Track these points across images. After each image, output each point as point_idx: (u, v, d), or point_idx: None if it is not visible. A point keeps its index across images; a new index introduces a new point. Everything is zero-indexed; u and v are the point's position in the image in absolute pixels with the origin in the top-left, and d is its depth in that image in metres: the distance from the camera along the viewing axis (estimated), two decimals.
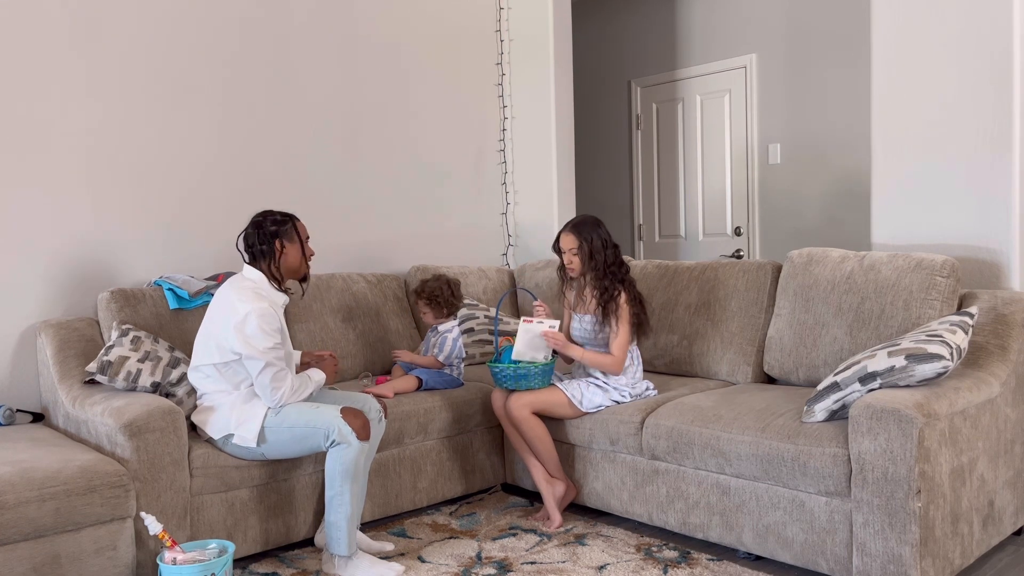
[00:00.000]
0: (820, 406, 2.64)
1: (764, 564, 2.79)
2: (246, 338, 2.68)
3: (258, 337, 2.69)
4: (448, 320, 3.60)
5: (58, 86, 3.31)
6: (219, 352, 2.76)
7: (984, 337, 2.83)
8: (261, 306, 2.71)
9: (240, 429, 2.76)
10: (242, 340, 2.69)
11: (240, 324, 2.69)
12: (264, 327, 2.69)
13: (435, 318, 3.58)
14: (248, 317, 2.69)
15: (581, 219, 3.28)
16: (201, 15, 3.71)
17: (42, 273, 3.28)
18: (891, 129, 3.42)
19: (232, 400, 2.80)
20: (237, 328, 2.69)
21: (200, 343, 2.84)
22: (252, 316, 2.69)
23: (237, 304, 2.72)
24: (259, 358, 2.69)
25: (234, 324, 2.69)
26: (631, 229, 6.06)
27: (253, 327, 2.68)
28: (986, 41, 3.14)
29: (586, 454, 3.24)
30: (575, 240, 3.21)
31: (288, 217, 2.90)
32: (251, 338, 2.68)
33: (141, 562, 2.59)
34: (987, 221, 3.18)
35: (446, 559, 2.90)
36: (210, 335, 2.80)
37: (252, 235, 2.83)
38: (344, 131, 4.23)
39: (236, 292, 2.76)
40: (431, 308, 3.57)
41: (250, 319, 2.68)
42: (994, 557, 2.83)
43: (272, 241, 2.83)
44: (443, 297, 3.55)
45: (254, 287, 2.79)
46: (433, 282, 3.58)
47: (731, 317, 3.48)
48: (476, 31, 4.83)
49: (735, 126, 5.43)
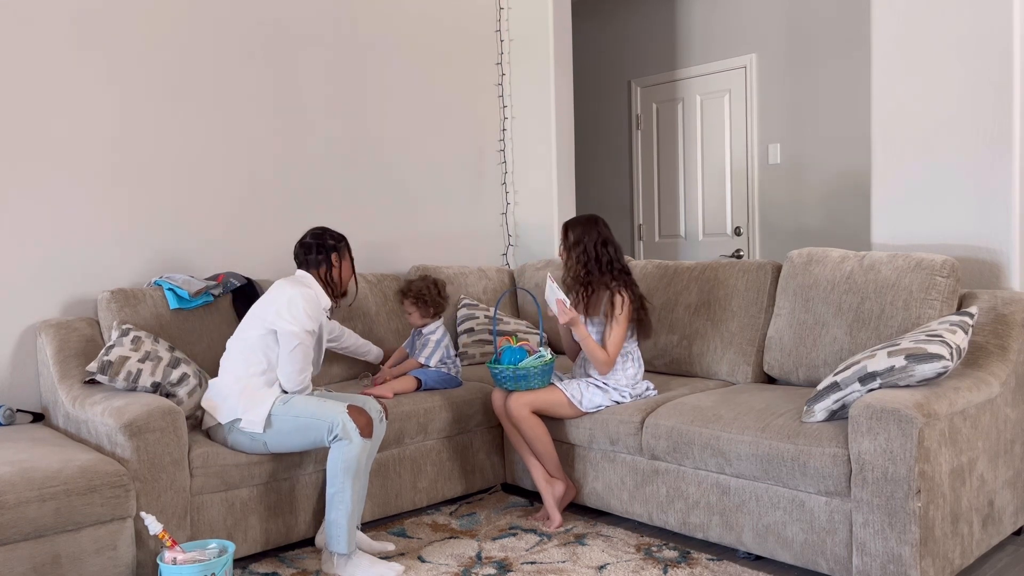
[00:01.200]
0: (820, 406, 2.64)
1: (764, 564, 2.79)
2: (291, 313, 2.86)
3: (301, 317, 2.86)
4: (433, 321, 3.58)
5: (58, 86, 3.32)
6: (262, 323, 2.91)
7: (984, 337, 2.83)
8: (311, 292, 2.94)
9: (248, 414, 2.81)
10: (287, 314, 2.86)
11: (289, 302, 2.88)
12: (309, 311, 2.88)
13: (421, 318, 3.56)
14: (295, 298, 2.89)
15: (578, 217, 3.31)
16: (201, 15, 3.71)
17: (42, 273, 3.28)
18: (891, 129, 3.42)
19: (242, 387, 2.85)
20: (287, 304, 2.87)
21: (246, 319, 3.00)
22: (299, 298, 2.88)
23: (289, 288, 2.93)
24: (296, 334, 2.84)
25: (284, 301, 2.89)
26: (631, 229, 6.06)
27: (299, 307, 2.87)
28: (987, 41, 3.14)
29: (586, 454, 3.24)
30: (568, 238, 3.26)
31: (343, 237, 3.15)
32: (295, 315, 2.85)
33: (141, 562, 2.59)
34: (987, 221, 3.18)
35: (446, 559, 2.90)
36: (255, 314, 2.97)
37: (312, 245, 3.06)
38: (344, 131, 4.24)
39: (290, 284, 2.97)
40: (417, 308, 3.55)
41: (297, 300, 2.88)
42: (994, 557, 2.83)
43: (329, 254, 3.07)
44: (430, 296, 3.53)
45: (306, 284, 2.99)
46: (419, 282, 3.56)
47: (731, 317, 3.48)
48: (476, 31, 4.83)
49: (735, 126, 5.43)
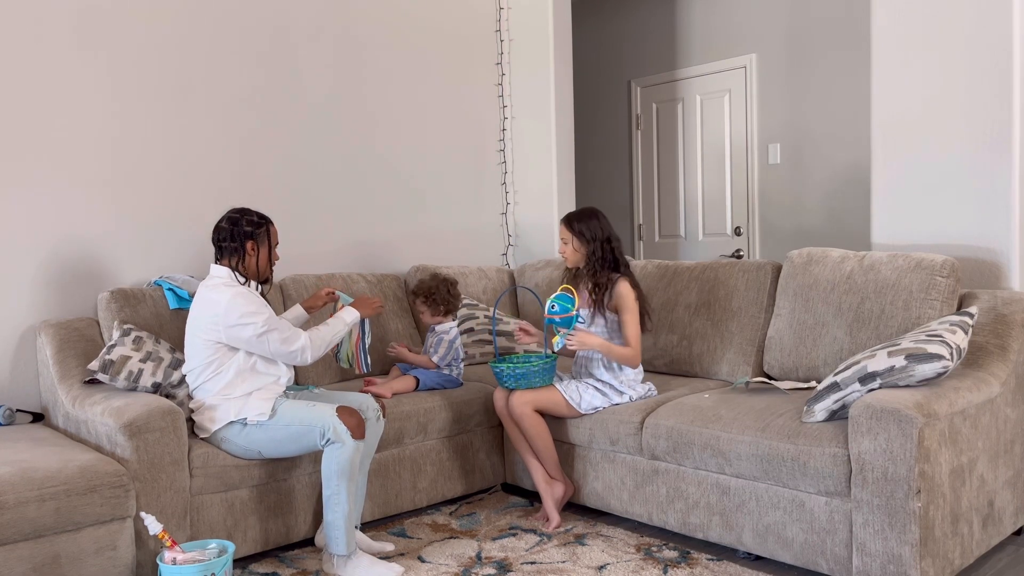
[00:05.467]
0: (820, 406, 2.64)
1: (764, 564, 2.79)
2: (239, 319, 2.74)
3: (248, 313, 2.75)
4: (447, 320, 3.60)
5: (59, 87, 3.31)
6: (206, 349, 2.80)
7: (984, 337, 2.83)
8: (237, 289, 2.80)
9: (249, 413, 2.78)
10: (235, 324, 2.75)
11: (226, 311, 2.75)
12: (249, 305, 2.76)
13: (433, 317, 3.58)
14: (231, 302, 2.75)
15: (578, 211, 3.32)
16: (201, 15, 3.71)
17: (42, 273, 3.28)
18: (891, 128, 3.42)
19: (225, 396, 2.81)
20: (224, 316, 2.74)
21: (189, 345, 2.87)
22: (235, 299, 2.75)
23: (214, 296, 2.79)
24: (259, 330, 2.76)
25: (220, 314, 2.75)
26: (631, 229, 6.07)
27: (239, 307, 2.75)
28: (986, 41, 3.14)
29: (586, 454, 3.24)
30: (566, 232, 3.26)
31: (264, 220, 2.94)
32: (243, 317, 2.74)
33: (141, 562, 2.59)
34: (987, 221, 3.18)
35: (446, 559, 2.90)
36: (196, 335, 2.83)
37: (226, 231, 2.87)
38: (344, 131, 4.23)
39: (210, 290, 2.82)
40: (428, 307, 3.57)
41: (234, 302, 2.75)
42: (994, 557, 2.83)
43: (244, 241, 2.87)
44: (440, 296, 3.55)
45: (224, 283, 2.84)
46: (430, 281, 3.58)
47: (731, 317, 3.48)
48: (476, 31, 4.83)
49: (735, 126, 5.43)
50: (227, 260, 2.88)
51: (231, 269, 2.87)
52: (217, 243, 2.89)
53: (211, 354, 2.80)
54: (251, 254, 2.88)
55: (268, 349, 2.81)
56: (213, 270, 2.89)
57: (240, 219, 2.88)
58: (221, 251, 2.88)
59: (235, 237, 2.86)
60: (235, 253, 2.87)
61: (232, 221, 2.88)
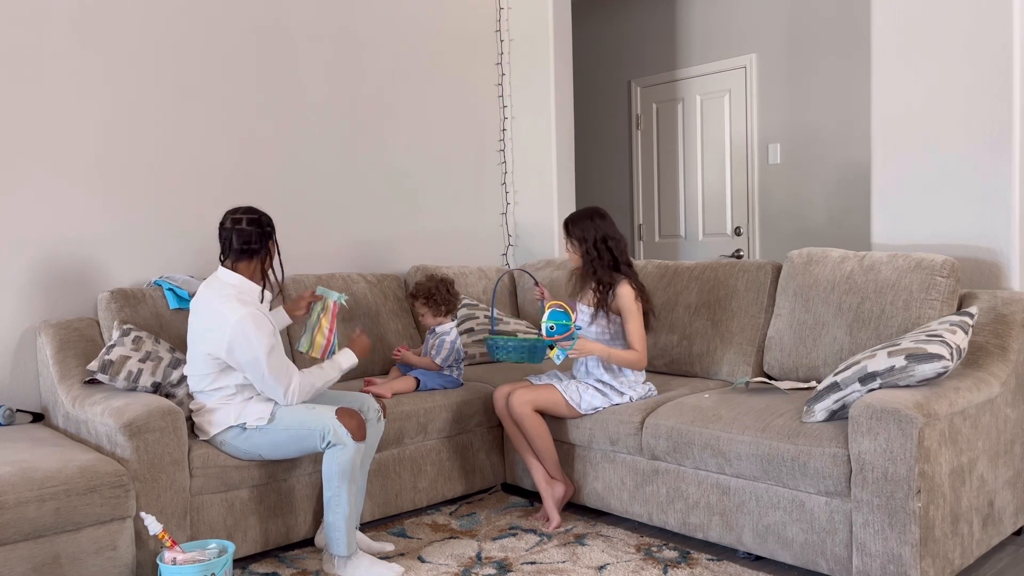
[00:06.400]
0: (820, 406, 2.64)
1: (764, 564, 2.79)
2: (245, 346, 2.63)
3: (253, 338, 2.63)
4: (447, 321, 3.60)
5: (59, 86, 3.31)
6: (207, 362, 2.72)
7: (984, 337, 2.83)
8: (250, 311, 2.64)
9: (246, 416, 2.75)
10: (240, 349, 2.64)
11: (234, 334, 2.62)
12: (258, 331, 2.63)
13: (434, 317, 3.57)
14: (240, 324, 2.62)
15: (576, 212, 3.31)
16: (201, 14, 3.71)
17: (42, 273, 3.28)
18: (891, 128, 3.42)
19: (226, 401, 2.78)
20: (232, 339, 2.62)
21: (191, 350, 2.79)
22: (244, 321, 2.62)
23: (224, 311, 2.64)
24: (261, 362, 2.65)
25: (227, 336, 2.62)
26: (631, 229, 6.06)
27: (246, 332, 2.62)
28: (986, 42, 3.14)
29: (586, 454, 3.24)
30: (569, 232, 3.25)
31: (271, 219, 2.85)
32: (250, 345, 2.63)
33: (141, 562, 2.59)
34: (987, 221, 3.18)
35: (446, 559, 2.90)
36: (198, 345, 2.74)
37: (252, 233, 2.73)
38: (344, 131, 4.23)
39: (221, 302, 2.67)
40: (430, 308, 3.57)
41: (243, 325, 2.62)
42: (994, 557, 2.83)
43: (266, 242, 2.78)
44: (440, 296, 3.55)
45: (236, 293, 2.70)
46: (427, 282, 3.58)
47: (731, 317, 3.48)
48: (476, 31, 4.83)
49: (735, 126, 5.43)
50: (246, 262, 2.75)
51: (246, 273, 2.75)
52: (240, 246, 2.72)
53: (212, 368, 2.74)
54: (273, 254, 2.81)
55: (258, 379, 2.70)
56: (224, 276, 2.75)
57: (261, 219, 2.76)
58: (243, 254, 2.73)
59: (261, 239, 2.74)
60: (258, 255, 2.75)
61: (255, 223, 2.73)
